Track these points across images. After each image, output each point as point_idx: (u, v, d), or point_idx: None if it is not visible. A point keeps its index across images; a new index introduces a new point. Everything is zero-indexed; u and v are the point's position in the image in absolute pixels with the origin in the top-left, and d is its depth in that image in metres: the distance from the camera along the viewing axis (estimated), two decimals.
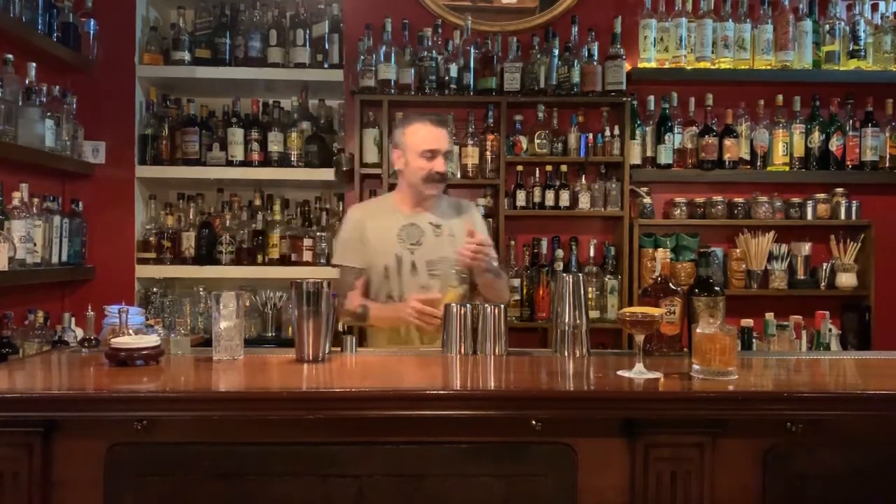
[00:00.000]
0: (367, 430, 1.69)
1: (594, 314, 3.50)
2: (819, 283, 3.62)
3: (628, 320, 1.86)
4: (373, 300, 2.52)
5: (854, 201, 3.63)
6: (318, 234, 3.74)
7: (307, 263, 3.69)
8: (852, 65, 3.63)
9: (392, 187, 3.58)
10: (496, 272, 2.52)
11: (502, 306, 2.17)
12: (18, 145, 2.86)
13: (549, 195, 3.58)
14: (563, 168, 3.65)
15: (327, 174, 3.68)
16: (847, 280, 3.57)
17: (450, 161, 2.56)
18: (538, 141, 3.60)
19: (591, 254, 3.62)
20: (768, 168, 3.67)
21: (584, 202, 3.59)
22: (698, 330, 1.86)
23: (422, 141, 2.48)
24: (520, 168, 3.61)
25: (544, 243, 3.67)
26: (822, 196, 3.65)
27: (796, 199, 3.65)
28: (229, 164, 3.71)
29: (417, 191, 2.55)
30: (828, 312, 3.41)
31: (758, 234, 3.57)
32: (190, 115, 3.77)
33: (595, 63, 3.56)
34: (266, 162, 3.72)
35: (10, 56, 2.85)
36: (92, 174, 3.56)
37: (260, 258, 3.72)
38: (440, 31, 3.64)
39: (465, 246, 2.37)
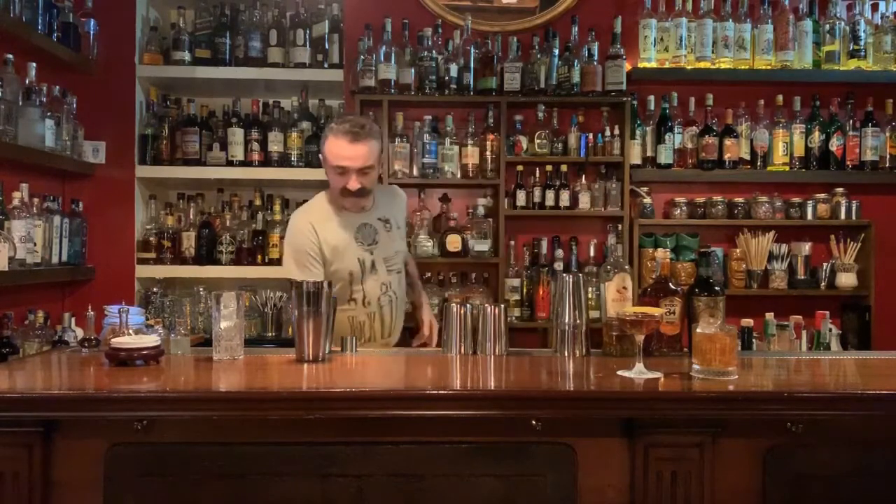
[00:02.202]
0: (367, 430, 1.69)
1: (594, 314, 3.50)
2: (819, 283, 3.62)
3: (628, 320, 1.86)
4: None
5: (854, 201, 3.63)
6: None
7: None
8: (852, 65, 3.63)
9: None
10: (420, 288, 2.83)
11: (503, 306, 2.17)
12: (18, 145, 2.86)
13: (549, 195, 3.58)
14: (563, 168, 3.65)
15: (327, 174, 3.67)
16: (847, 280, 3.57)
17: (373, 171, 2.46)
18: (538, 141, 3.60)
19: (591, 254, 3.62)
20: (768, 168, 3.67)
21: (584, 202, 3.59)
22: (698, 330, 1.86)
23: (334, 157, 2.43)
24: (520, 168, 3.61)
25: (544, 243, 3.67)
26: (822, 196, 3.65)
27: (796, 199, 3.65)
28: (229, 164, 3.71)
29: (340, 201, 2.51)
30: (828, 312, 3.41)
31: (758, 234, 3.57)
32: (190, 115, 3.77)
33: (595, 63, 3.56)
34: (266, 162, 3.72)
35: (10, 56, 2.85)
36: (92, 174, 3.56)
37: (260, 258, 3.72)
38: (440, 31, 3.64)
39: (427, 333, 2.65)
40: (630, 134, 3.60)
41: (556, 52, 3.59)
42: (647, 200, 3.65)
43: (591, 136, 3.61)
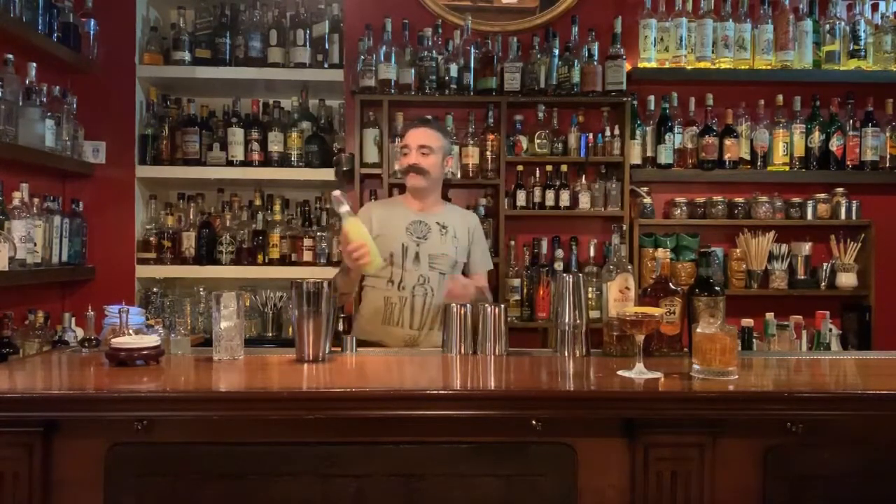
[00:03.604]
0: (367, 430, 1.69)
1: (594, 314, 3.50)
2: (819, 283, 3.62)
3: (628, 320, 1.86)
4: (370, 286, 2.69)
5: (854, 201, 3.63)
6: (318, 234, 3.74)
7: (307, 263, 3.68)
8: (852, 65, 3.63)
9: (391, 187, 3.59)
10: (482, 296, 2.68)
11: (503, 306, 2.17)
12: (19, 145, 2.86)
13: (550, 195, 3.58)
14: (564, 168, 3.65)
15: (327, 174, 3.68)
16: (847, 280, 3.57)
17: (433, 154, 2.67)
18: (538, 141, 3.60)
19: (591, 254, 3.62)
20: (768, 168, 3.67)
21: (585, 202, 3.59)
22: (698, 330, 1.86)
23: (402, 140, 2.75)
24: (520, 168, 3.61)
25: (544, 243, 3.67)
26: (822, 196, 3.65)
27: (796, 199, 3.65)
28: (229, 164, 3.71)
29: (407, 185, 2.74)
30: (828, 312, 3.41)
31: (758, 234, 3.57)
32: (190, 115, 3.77)
33: (595, 63, 3.56)
34: (266, 162, 3.72)
35: (10, 56, 2.85)
36: (92, 174, 3.56)
37: (260, 258, 3.72)
38: (440, 31, 3.64)
39: (448, 289, 2.54)
40: (630, 134, 3.60)
41: (556, 52, 3.59)
42: (648, 200, 3.65)
43: (591, 136, 3.61)
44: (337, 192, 2.36)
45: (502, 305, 2.17)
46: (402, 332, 2.60)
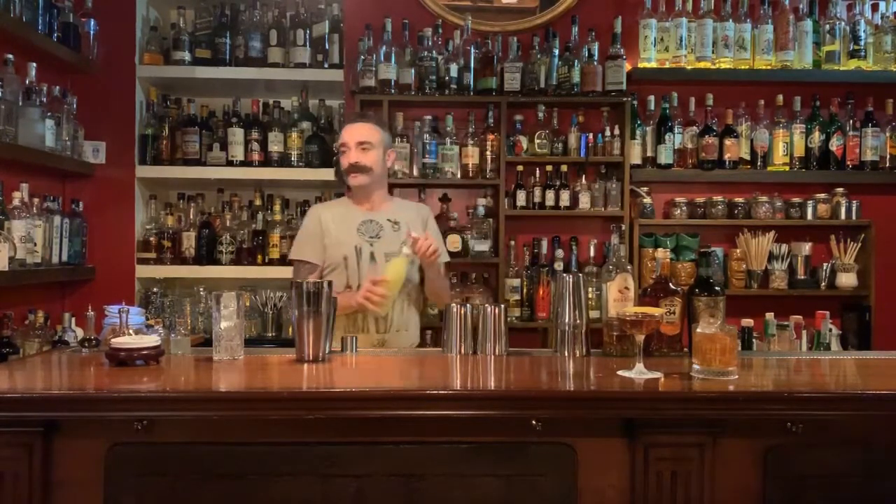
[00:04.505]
0: (367, 430, 1.69)
1: (594, 314, 3.50)
2: (819, 283, 3.62)
3: (628, 320, 1.86)
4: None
5: (854, 201, 3.63)
6: None
7: None
8: (852, 65, 3.63)
9: (391, 187, 3.59)
10: (440, 273, 2.66)
11: (503, 306, 2.17)
12: (19, 145, 2.86)
13: (550, 195, 3.58)
14: (564, 168, 3.65)
15: (327, 174, 3.68)
16: (847, 280, 3.57)
17: (373, 150, 2.58)
18: (538, 141, 3.60)
19: (591, 254, 3.62)
20: (768, 168, 3.67)
21: (585, 202, 3.59)
22: (698, 330, 1.86)
23: (340, 139, 2.67)
24: (520, 168, 3.61)
25: (544, 243, 3.67)
26: (822, 196, 3.65)
27: (796, 199, 3.65)
28: (229, 164, 3.71)
29: (350, 184, 2.65)
30: (828, 312, 3.41)
31: (758, 234, 3.57)
32: (190, 115, 3.77)
33: (595, 63, 3.56)
34: (266, 162, 3.72)
35: (10, 56, 2.85)
36: (92, 174, 3.56)
37: (260, 258, 3.72)
38: (440, 31, 3.64)
39: (416, 244, 2.42)
40: (630, 134, 3.60)
41: (556, 52, 3.59)
42: (647, 200, 3.65)
43: (591, 136, 3.61)
44: (412, 233, 2.40)
45: (502, 305, 2.17)
46: (369, 339, 2.51)
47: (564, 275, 2.19)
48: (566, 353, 2.13)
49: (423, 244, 2.42)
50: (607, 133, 3.61)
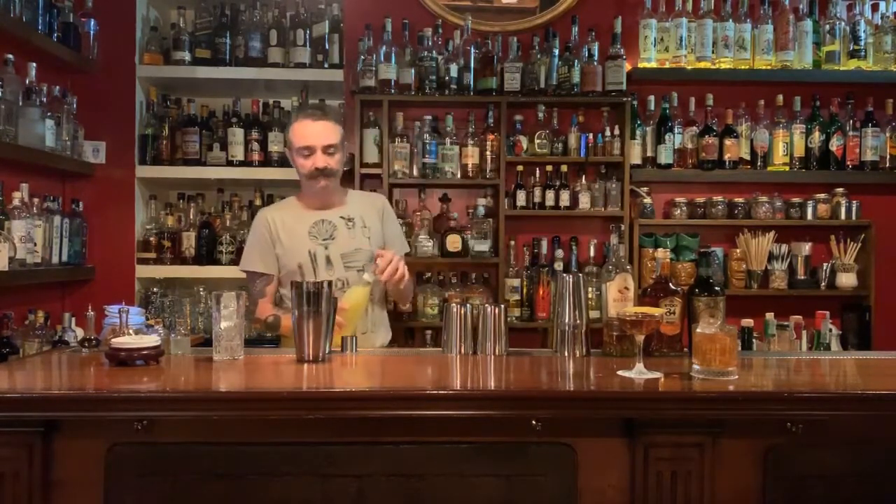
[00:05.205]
0: (367, 430, 1.69)
1: (594, 314, 3.50)
2: (819, 283, 3.62)
3: (628, 320, 1.86)
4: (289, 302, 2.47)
5: (854, 201, 3.63)
6: None
7: None
8: (852, 65, 3.63)
9: (391, 187, 3.59)
10: (408, 286, 2.54)
11: (503, 306, 2.17)
12: (18, 145, 2.86)
13: (550, 195, 3.58)
14: (564, 168, 3.65)
15: None
16: (847, 280, 3.57)
17: (339, 152, 2.48)
18: (538, 141, 3.60)
19: (591, 254, 3.62)
20: (768, 168, 3.67)
21: (584, 202, 3.59)
22: (698, 330, 1.86)
23: (299, 138, 2.47)
24: (520, 168, 3.61)
25: (544, 243, 3.67)
26: (822, 196, 3.65)
27: (796, 199, 3.65)
28: (229, 164, 3.71)
29: (310, 188, 2.51)
30: (828, 312, 3.41)
31: (758, 234, 3.57)
32: (190, 115, 3.77)
33: (595, 63, 3.56)
34: (266, 162, 3.72)
35: (10, 56, 2.85)
36: (92, 174, 3.56)
37: None
38: (440, 31, 3.64)
39: (379, 268, 2.33)
40: (630, 134, 3.60)
41: (556, 52, 3.59)
42: (647, 200, 3.65)
43: (591, 136, 3.62)
44: (378, 253, 2.32)
45: (502, 305, 2.17)
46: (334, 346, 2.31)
47: (564, 275, 2.19)
48: (566, 353, 2.13)
49: (387, 268, 2.31)
50: (607, 133, 3.61)
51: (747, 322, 3.22)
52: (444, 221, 3.67)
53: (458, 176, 3.59)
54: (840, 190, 3.65)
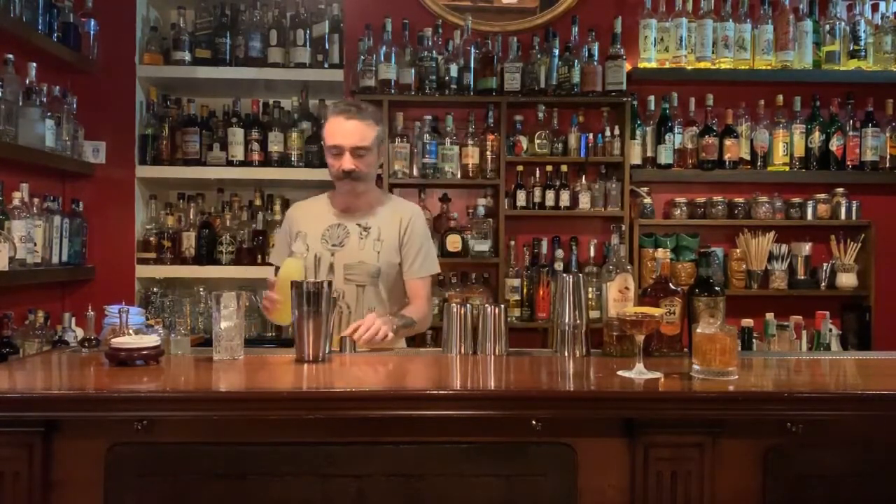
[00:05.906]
0: (367, 430, 1.69)
1: (594, 314, 3.50)
2: (819, 284, 3.62)
3: (628, 320, 1.86)
4: None
5: (854, 201, 3.64)
6: None
7: None
8: (852, 65, 3.63)
9: (391, 187, 3.59)
10: (406, 326, 2.36)
11: (503, 306, 2.17)
12: (19, 145, 2.86)
13: (550, 195, 3.58)
14: (564, 168, 3.65)
15: (327, 174, 3.64)
16: (847, 280, 3.57)
17: (370, 154, 2.36)
18: (538, 141, 3.60)
19: (592, 254, 3.62)
20: (768, 168, 3.67)
21: (585, 202, 3.59)
22: (698, 330, 1.86)
23: (329, 136, 2.37)
24: (520, 168, 3.61)
25: (544, 243, 3.67)
26: (822, 196, 3.66)
27: (796, 199, 3.66)
28: (229, 164, 3.71)
29: (339, 189, 2.45)
30: (828, 312, 3.42)
31: (758, 234, 3.57)
32: (190, 115, 3.77)
33: (595, 63, 3.56)
34: (266, 162, 3.72)
35: (10, 56, 2.85)
36: (92, 174, 3.56)
37: (260, 258, 3.71)
38: (440, 31, 3.65)
39: (357, 335, 2.18)
40: (630, 134, 3.60)
41: (557, 52, 3.59)
42: (647, 200, 3.65)
43: (591, 136, 3.62)
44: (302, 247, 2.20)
45: (502, 305, 2.17)
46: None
47: (564, 275, 2.19)
48: (566, 353, 2.13)
49: (364, 333, 2.15)
50: (607, 133, 3.61)
51: (747, 322, 3.22)
52: (444, 221, 3.67)
53: (458, 176, 3.59)
54: (840, 190, 3.65)
